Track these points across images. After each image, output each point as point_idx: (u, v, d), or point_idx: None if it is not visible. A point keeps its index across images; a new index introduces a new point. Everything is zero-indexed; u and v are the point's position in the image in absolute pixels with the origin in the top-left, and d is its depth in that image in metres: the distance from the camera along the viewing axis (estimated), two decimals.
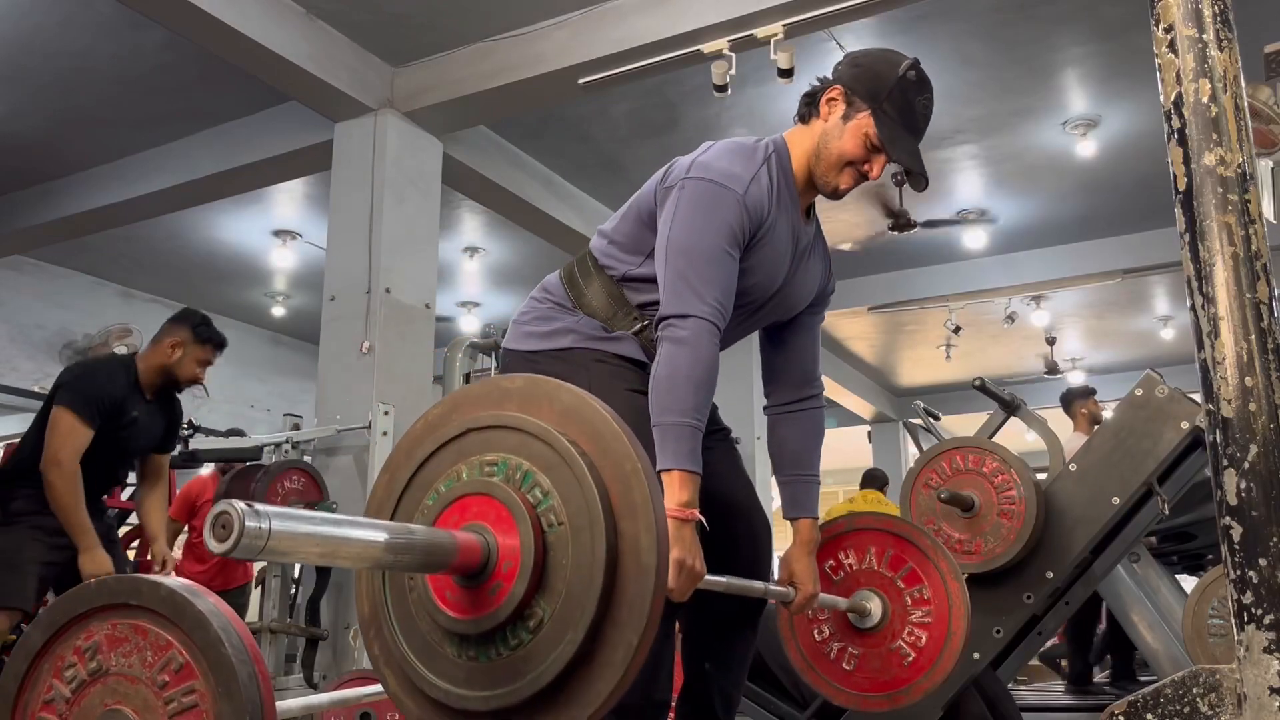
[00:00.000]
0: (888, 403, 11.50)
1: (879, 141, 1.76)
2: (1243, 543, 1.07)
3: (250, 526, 0.80)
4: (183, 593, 1.03)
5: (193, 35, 4.40)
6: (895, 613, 2.00)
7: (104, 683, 1.04)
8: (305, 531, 0.85)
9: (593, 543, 1.02)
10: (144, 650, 1.03)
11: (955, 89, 5.39)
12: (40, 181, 6.41)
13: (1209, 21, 1.17)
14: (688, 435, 1.59)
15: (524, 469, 1.07)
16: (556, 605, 1.03)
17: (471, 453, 1.11)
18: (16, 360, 7.54)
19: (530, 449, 1.08)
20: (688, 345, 1.62)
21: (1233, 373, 1.10)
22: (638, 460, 1.06)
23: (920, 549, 2.01)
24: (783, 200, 1.80)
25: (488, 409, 1.13)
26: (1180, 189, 1.17)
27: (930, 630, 1.96)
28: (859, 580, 2.04)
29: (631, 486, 1.05)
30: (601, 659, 1.02)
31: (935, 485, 3.03)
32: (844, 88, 1.80)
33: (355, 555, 0.95)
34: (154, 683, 1.02)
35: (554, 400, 1.11)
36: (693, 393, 1.60)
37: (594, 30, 4.60)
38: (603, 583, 1.01)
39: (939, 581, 1.98)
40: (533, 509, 1.05)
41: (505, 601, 1.03)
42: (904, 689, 1.96)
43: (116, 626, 1.04)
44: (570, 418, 1.09)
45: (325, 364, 4.94)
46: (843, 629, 2.03)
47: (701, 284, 1.65)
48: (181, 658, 1.01)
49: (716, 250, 1.67)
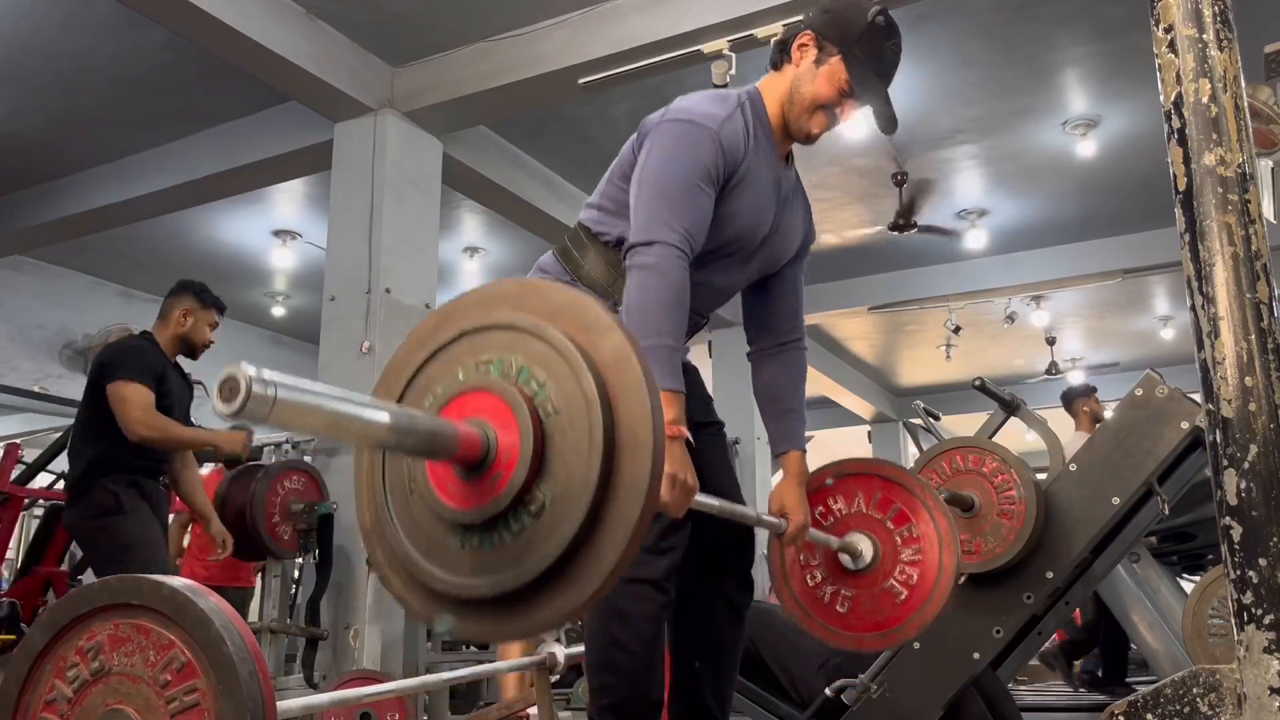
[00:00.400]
0: (888, 403, 11.50)
1: (849, 85, 1.80)
2: (1243, 543, 1.07)
3: (257, 390, 0.80)
4: (184, 592, 1.03)
5: (193, 35, 4.40)
6: (886, 553, 2.03)
7: (106, 682, 1.04)
8: (311, 403, 0.87)
9: (590, 426, 1.05)
10: (146, 650, 1.03)
11: (955, 89, 5.39)
12: (40, 181, 6.41)
13: (1209, 21, 1.18)
14: (665, 355, 1.60)
15: (519, 364, 1.10)
16: (557, 488, 1.05)
17: (466, 355, 1.13)
18: (16, 360, 7.54)
19: (524, 345, 1.10)
20: (655, 270, 1.63)
21: (1233, 373, 1.10)
22: (630, 346, 1.08)
23: (907, 489, 2.05)
24: (760, 145, 1.82)
25: (480, 314, 1.15)
26: (1180, 189, 1.17)
27: (921, 568, 2.00)
28: (848, 524, 2.07)
29: (625, 371, 1.07)
30: (602, 538, 1.05)
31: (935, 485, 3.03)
32: (815, 33, 1.84)
33: (359, 432, 0.96)
34: (156, 682, 1.02)
35: (545, 298, 1.14)
36: (666, 315, 1.62)
37: (594, 30, 4.60)
38: (601, 463, 1.03)
39: (927, 519, 2.02)
40: (529, 399, 1.07)
41: (506, 488, 1.05)
42: (897, 626, 2.01)
43: (119, 626, 1.04)
44: (562, 313, 1.12)
45: (325, 364, 4.93)
46: (835, 572, 2.07)
47: (670, 213, 1.67)
48: (183, 657, 1.01)
49: (688, 183, 1.69)
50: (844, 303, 8.25)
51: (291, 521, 4.34)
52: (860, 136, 5.66)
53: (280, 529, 4.33)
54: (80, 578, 5.29)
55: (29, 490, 5.32)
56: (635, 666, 1.67)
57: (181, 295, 3.56)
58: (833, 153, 5.96)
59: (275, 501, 4.32)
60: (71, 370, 7.85)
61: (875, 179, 6.42)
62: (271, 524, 4.29)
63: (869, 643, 2.06)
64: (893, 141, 5.90)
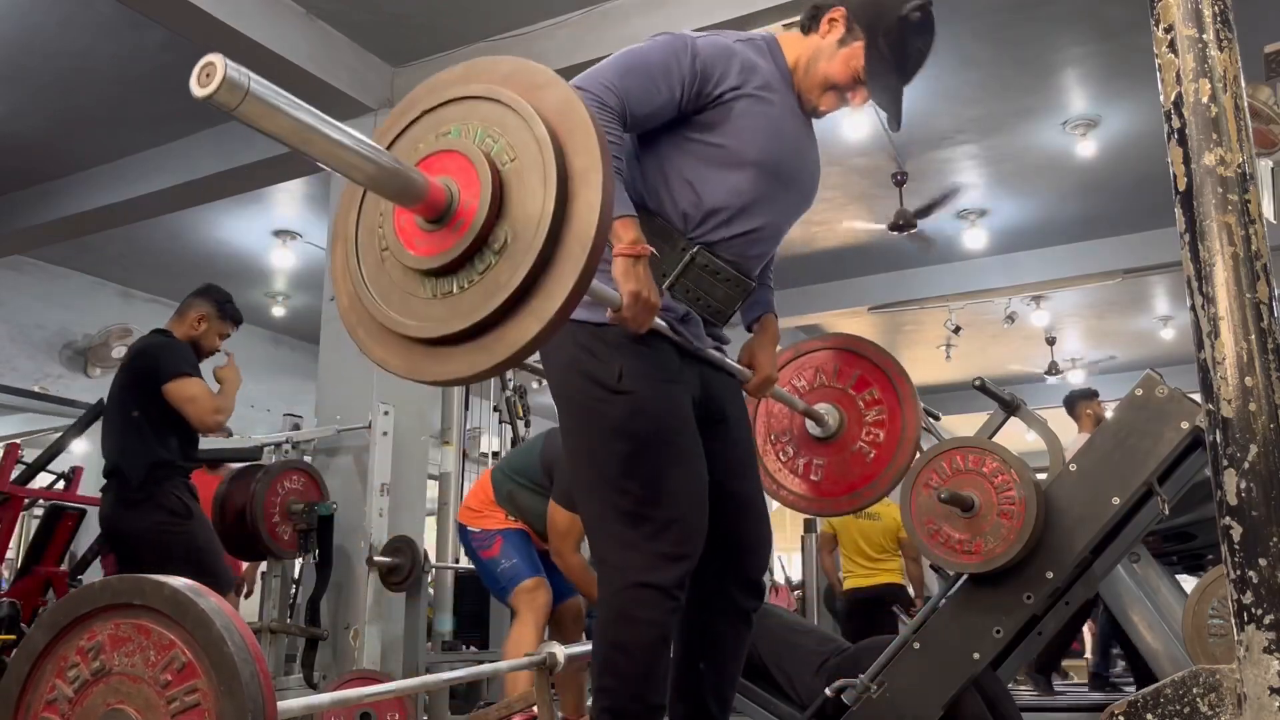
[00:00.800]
0: None
1: (863, 75, 1.79)
2: (1243, 543, 1.08)
3: (232, 75, 0.86)
4: (186, 592, 1.03)
5: (193, 35, 4.40)
6: (850, 418, 2.13)
7: (106, 682, 1.04)
8: (283, 105, 0.94)
9: (544, 164, 1.13)
10: (146, 650, 1.03)
11: (955, 89, 5.39)
12: (40, 181, 6.41)
13: (1209, 21, 1.18)
14: (616, 182, 1.58)
15: (475, 128, 1.18)
16: (517, 226, 1.13)
17: (426, 132, 1.22)
18: (16, 360, 7.54)
19: (479, 111, 1.19)
20: (586, 93, 1.59)
21: (1233, 373, 1.10)
22: (573, 96, 1.17)
23: (865, 357, 2.15)
24: (772, 80, 1.80)
25: (433, 95, 1.24)
26: (1180, 189, 1.17)
27: (885, 427, 2.11)
28: (813, 398, 2.16)
29: (571, 114, 1.17)
30: (561, 261, 1.13)
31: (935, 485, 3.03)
32: (847, 11, 1.81)
33: (328, 150, 1.03)
34: (156, 682, 1.02)
35: (491, 70, 1.23)
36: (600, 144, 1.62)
37: (594, 30, 4.60)
38: (556, 192, 1.12)
39: (886, 381, 2.12)
40: (486, 153, 1.15)
41: (470, 229, 1.13)
42: (870, 484, 2.12)
43: (119, 626, 1.05)
44: (510, 79, 1.20)
45: (325, 364, 4.94)
46: (805, 444, 2.15)
47: (615, 75, 1.64)
48: (184, 657, 1.02)
49: (638, 62, 1.68)
50: (844, 303, 8.24)
51: (291, 521, 4.34)
52: (860, 136, 5.66)
53: (280, 529, 4.33)
54: (80, 578, 5.29)
55: (29, 490, 5.33)
56: (636, 670, 1.66)
57: (204, 300, 3.61)
58: (833, 153, 5.95)
59: (275, 501, 4.32)
60: (71, 370, 7.85)
61: (875, 179, 6.42)
62: (271, 524, 4.29)
63: (843, 505, 2.17)
64: (893, 141, 5.90)
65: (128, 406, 3.34)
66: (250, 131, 4.30)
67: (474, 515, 3.41)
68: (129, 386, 3.37)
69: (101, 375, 7.92)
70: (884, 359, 2.13)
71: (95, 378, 7.88)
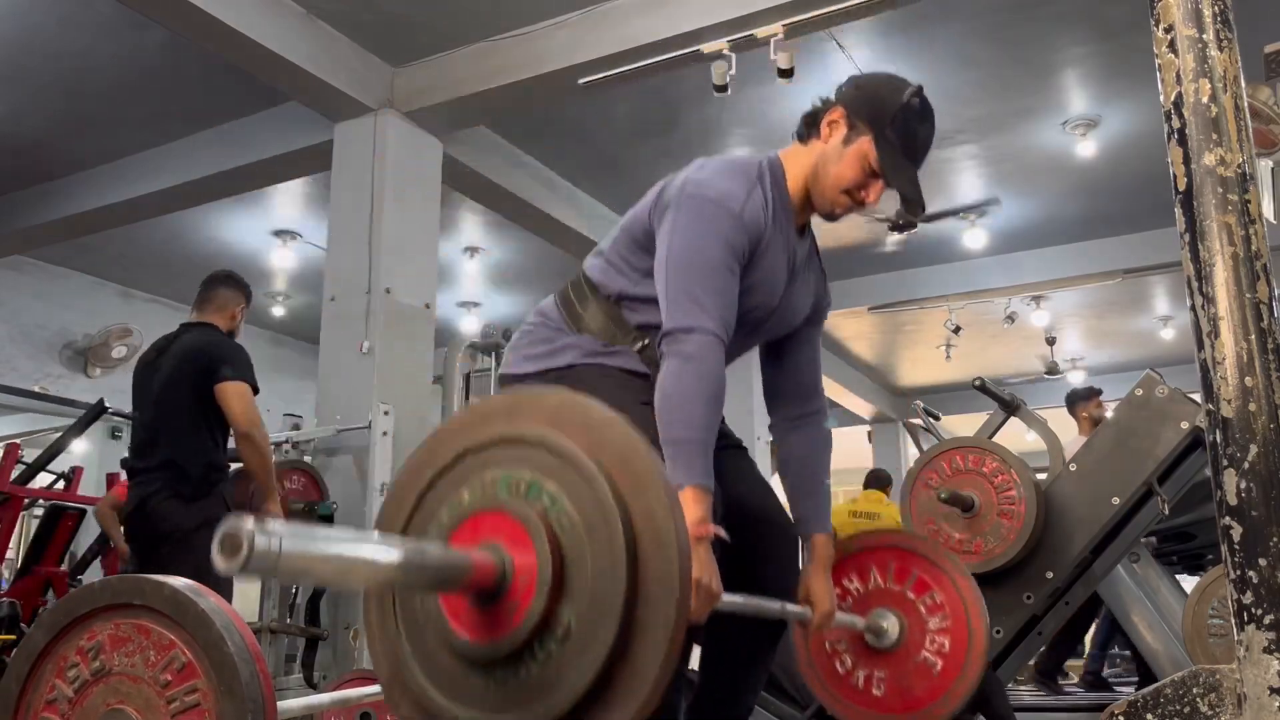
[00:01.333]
0: (888, 403, 11.50)
1: (879, 167, 1.74)
2: (1243, 543, 1.07)
3: (260, 545, 0.75)
4: (186, 592, 1.03)
5: (193, 35, 4.40)
6: (912, 625, 1.94)
7: (106, 682, 1.04)
8: (318, 550, 0.82)
9: (609, 534, 0.99)
10: (146, 650, 1.03)
11: (955, 89, 5.39)
12: (40, 181, 6.41)
13: (1209, 21, 1.18)
14: (699, 451, 1.55)
15: (527, 479, 1.04)
16: (581, 607, 0.99)
17: (470, 476, 1.07)
18: (16, 360, 7.54)
19: (530, 458, 1.04)
20: (695, 360, 1.58)
21: (1233, 373, 1.10)
22: (639, 442, 1.03)
23: (922, 555, 1.97)
24: (778, 218, 1.78)
25: (477, 431, 1.09)
26: (1180, 189, 1.17)
27: (951, 634, 1.91)
28: (869, 602, 1.98)
29: (636, 469, 1.02)
30: (638, 653, 0.98)
31: (935, 485, 3.03)
32: (846, 110, 1.78)
33: (368, 574, 0.91)
34: (156, 682, 1.02)
35: (541, 407, 1.08)
36: (702, 408, 1.57)
37: (594, 30, 4.60)
38: (627, 570, 0.97)
39: (948, 583, 1.94)
40: (543, 514, 1.01)
41: (526, 617, 0.99)
42: (940, 699, 1.91)
43: (119, 626, 1.05)
44: (562, 418, 1.06)
45: (325, 364, 4.94)
46: (864, 655, 1.97)
47: (705, 296, 1.62)
48: (184, 657, 1.01)
49: (718, 264, 1.65)
50: (844, 303, 8.24)
51: None
52: None
53: None
54: (80, 578, 5.30)
55: (29, 490, 5.33)
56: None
57: (235, 290, 3.63)
58: None
59: None
60: (71, 370, 7.85)
61: None
62: None
63: None
64: None
65: (185, 400, 3.30)
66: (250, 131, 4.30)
67: None
68: (185, 381, 3.32)
69: (101, 375, 7.92)
70: (943, 558, 1.96)
71: (95, 378, 7.88)
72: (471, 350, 5.36)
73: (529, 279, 8.15)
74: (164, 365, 3.40)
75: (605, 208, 6.69)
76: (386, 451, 4.49)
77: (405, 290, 4.95)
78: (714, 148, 5.92)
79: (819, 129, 1.81)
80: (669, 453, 1.55)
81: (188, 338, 3.48)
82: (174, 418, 3.32)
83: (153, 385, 3.38)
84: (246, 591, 5.63)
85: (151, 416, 3.37)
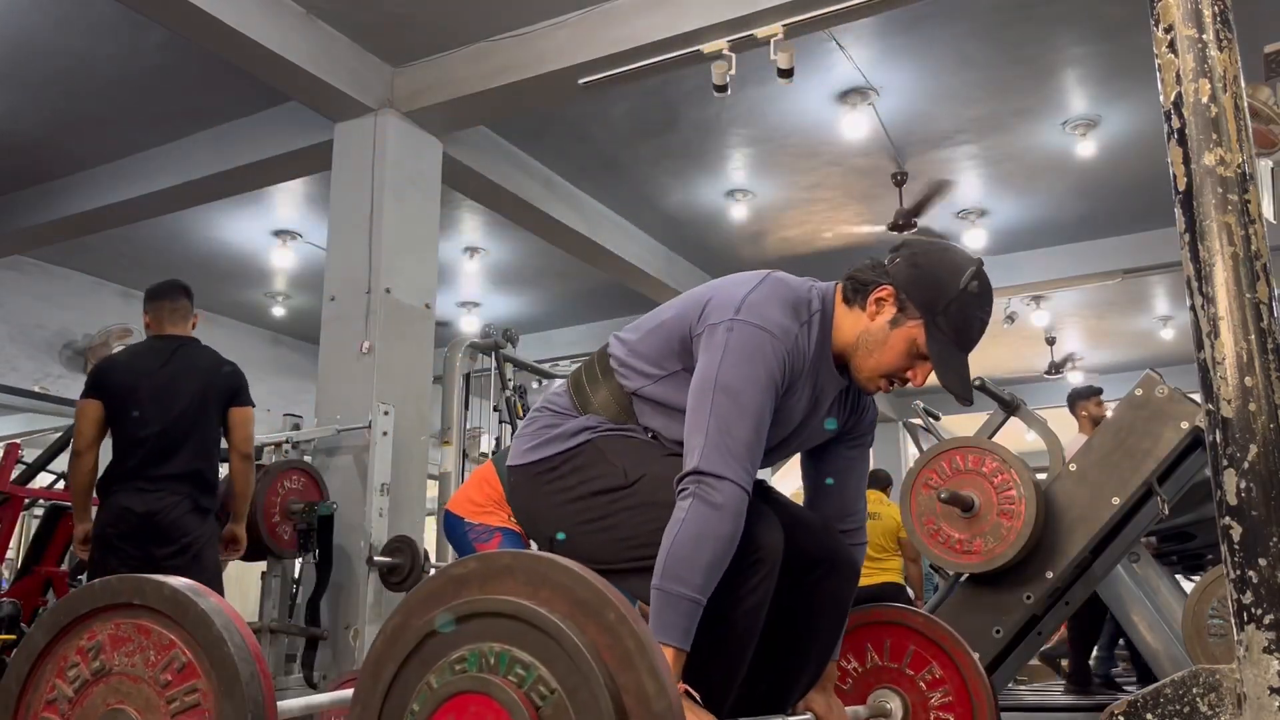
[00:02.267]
0: (887, 403, 11.49)
1: (928, 354, 1.66)
2: (1243, 543, 1.07)
3: None
4: (186, 592, 1.03)
5: (193, 35, 4.40)
6: (915, 704, 1.90)
7: (107, 682, 1.04)
8: None
9: (596, 700, 0.94)
10: (147, 650, 1.03)
11: (955, 89, 5.39)
12: (40, 181, 6.41)
13: (1209, 21, 1.17)
14: (689, 612, 1.48)
15: (495, 651, 0.99)
16: None
17: (436, 658, 1.02)
18: (16, 360, 7.54)
19: (497, 629, 1.00)
20: (720, 513, 1.50)
21: (1232, 373, 1.10)
22: (619, 607, 0.98)
23: (917, 630, 1.94)
24: (817, 357, 1.70)
25: (444, 604, 1.04)
26: (1180, 189, 1.17)
27: (955, 709, 1.88)
28: (869, 681, 1.95)
29: (621, 635, 0.97)
30: None
31: (935, 485, 3.03)
32: (896, 290, 1.65)
33: None
34: (156, 682, 1.02)
35: (514, 572, 1.02)
36: (709, 570, 1.50)
37: (594, 30, 4.60)
38: None
39: (946, 658, 1.90)
40: (518, 688, 0.96)
41: None
42: None
43: (120, 626, 1.04)
44: (537, 583, 1.01)
45: (325, 364, 4.93)
46: None
47: (743, 445, 1.54)
48: (184, 657, 1.01)
49: (761, 406, 1.57)
50: None
51: (292, 521, 4.34)
52: (860, 136, 5.66)
53: (280, 529, 4.33)
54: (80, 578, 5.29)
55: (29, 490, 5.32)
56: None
57: (188, 299, 3.64)
58: (833, 153, 5.96)
59: (275, 501, 4.32)
60: (71, 370, 7.84)
61: (875, 179, 6.42)
62: (271, 524, 4.30)
63: None
64: (893, 141, 5.90)
65: (213, 418, 3.51)
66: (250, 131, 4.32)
67: (477, 509, 3.40)
68: (214, 401, 3.51)
69: None
70: (937, 630, 1.91)
71: None
72: (471, 350, 5.36)
73: (529, 279, 8.16)
74: (182, 379, 3.47)
75: (605, 208, 6.70)
76: (386, 451, 4.49)
77: (405, 290, 4.95)
78: (714, 148, 5.92)
79: (866, 301, 1.68)
80: (659, 599, 1.48)
81: (199, 355, 3.58)
82: (204, 432, 3.47)
83: (174, 396, 3.44)
84: (247, 591, 5.64)
85: (173, 427, 3.43)
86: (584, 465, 1.68)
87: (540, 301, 8.70)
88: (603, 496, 1.65)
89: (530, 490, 1.75)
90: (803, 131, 5.70)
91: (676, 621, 1.46)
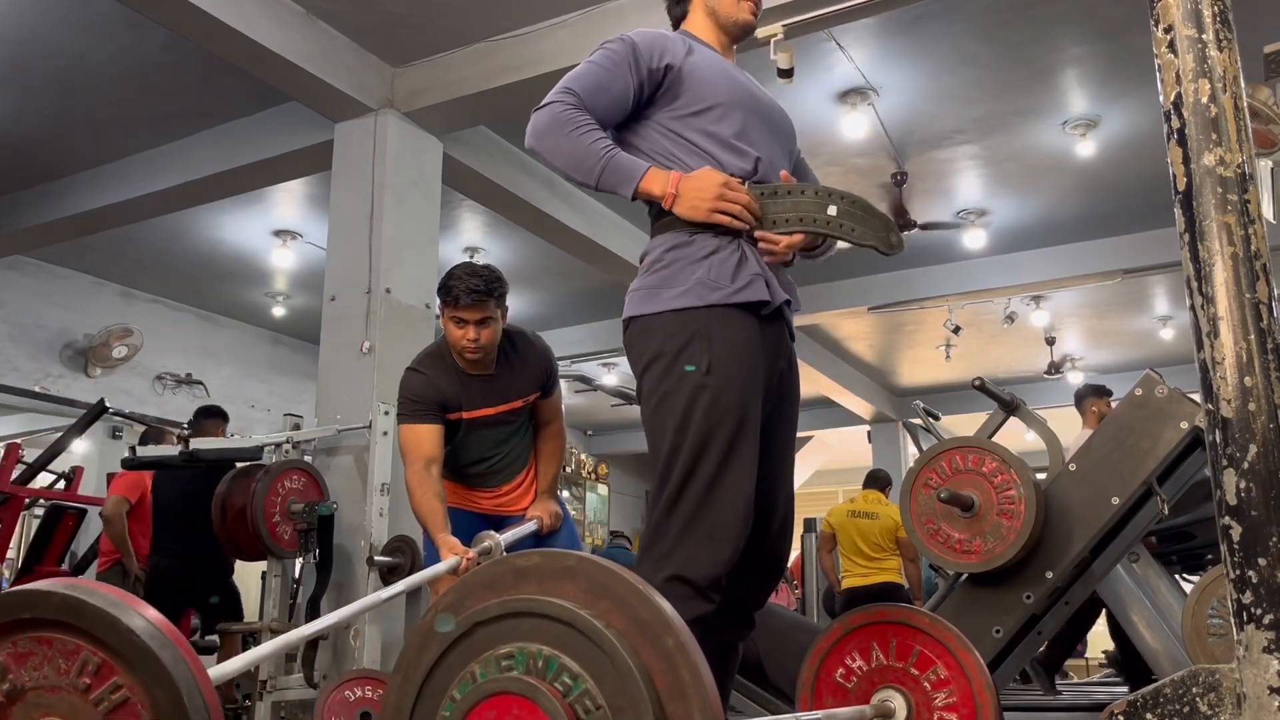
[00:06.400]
0: (888, 403, 11.50)
1: None
2: (1242, 543, 1.08)
3: None
4: (74, 594, 0.99)
5: (193, 35, 4.40)
6: (919, 703, 1.92)
7: (24, 700, 1.00)
8: None
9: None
10: (54, 659, 0.99)
11: (955, 89, 5.39)
12: (40, 181, 6.41)
13: (1209, 21, 1.18)
14: (606, 155, 1.79)
15: (544, 655, 0.97)
16: None
17: (484, 648, 1.00)
18: (17, 360, 7.54)
19: (549, 633, 0.97)
20: (543, 113, 1.81)
21: (1232, 373, 1.10)
22: (679, 634, 0.96)
23: (923, 631, 1.95)
24: (702, 45, 2.00)
25: (500, 594, 1.02)
26: (1180, 189, 1.17)
27: (958, 710, 1.88)
28: (873, 680, 1.96)
29: (676, 664, 0.94)
30: None
31: (935, 485, 3.03)
32: None
33: None
34: (76, 688, 0.98)
35: (576, 576, 1.00)
36: (577, 135, 1.78)
37: (594, 30, 4.59)
38: None
39: (951, 658, 1.91)
40: (562, 698, 0.94)
41: None
42: None
43: (17, 643, 1.00)
44: (598, 592, 0.99)
45: (325, 364, 4.93)
46: None
47: (567, 82, 1.84)
48: (95, 657, 0.98)
49: (592, 67, 1.86)
50: (844, 303, 8.24)
51: (292, 521, 4.34)
52: (860, 136, 5.66)
53: (280, 529, 4.33)
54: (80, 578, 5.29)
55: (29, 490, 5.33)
56: None
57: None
58: (833, 153, 5.96)
59: (275, 501, 4.32)
60: (71, 370, 7.85)
61: (875, 179, 6.42)
62: (271, 524, 4.30)
63: None
64: (893, 141, 5.90)
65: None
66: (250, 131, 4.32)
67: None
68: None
69: (102, 375, 7.92)
70: (943, 631, 1.92)
71: (95, 378, 7.88)
72: None
73: (529, 279, 8.16)
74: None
75: (605, 208, 6.69)
76: (386, 451, 4.49)
77: (405, 290, 4.95)
78: None
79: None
80: (608, 169, 1.82)
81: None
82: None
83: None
84: (247, 592, 5.64)
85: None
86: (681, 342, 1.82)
87: (540, 301, 8.70)
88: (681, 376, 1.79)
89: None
90: (802, 131, 5.62)
91: (620, 163, 1.81)
